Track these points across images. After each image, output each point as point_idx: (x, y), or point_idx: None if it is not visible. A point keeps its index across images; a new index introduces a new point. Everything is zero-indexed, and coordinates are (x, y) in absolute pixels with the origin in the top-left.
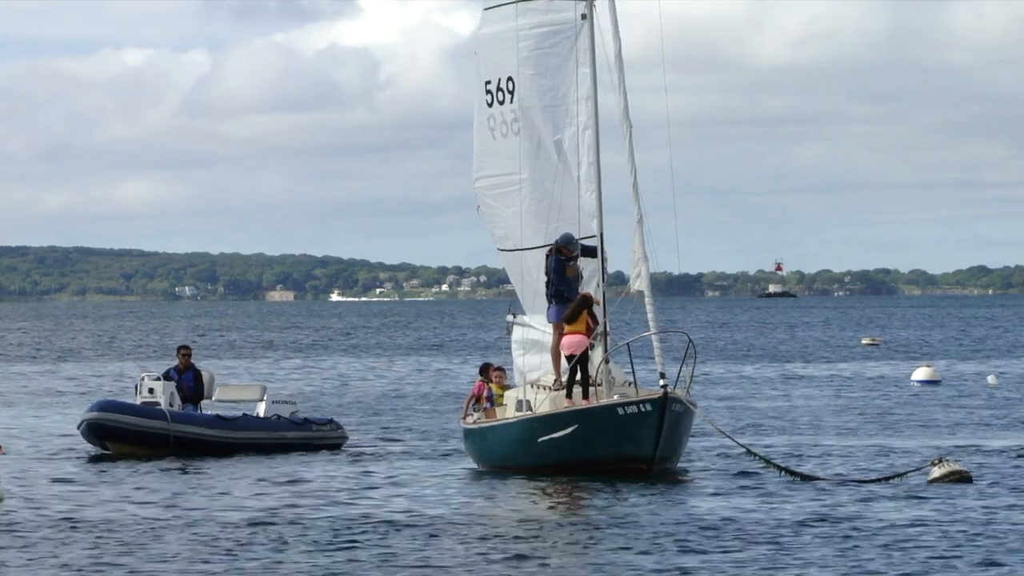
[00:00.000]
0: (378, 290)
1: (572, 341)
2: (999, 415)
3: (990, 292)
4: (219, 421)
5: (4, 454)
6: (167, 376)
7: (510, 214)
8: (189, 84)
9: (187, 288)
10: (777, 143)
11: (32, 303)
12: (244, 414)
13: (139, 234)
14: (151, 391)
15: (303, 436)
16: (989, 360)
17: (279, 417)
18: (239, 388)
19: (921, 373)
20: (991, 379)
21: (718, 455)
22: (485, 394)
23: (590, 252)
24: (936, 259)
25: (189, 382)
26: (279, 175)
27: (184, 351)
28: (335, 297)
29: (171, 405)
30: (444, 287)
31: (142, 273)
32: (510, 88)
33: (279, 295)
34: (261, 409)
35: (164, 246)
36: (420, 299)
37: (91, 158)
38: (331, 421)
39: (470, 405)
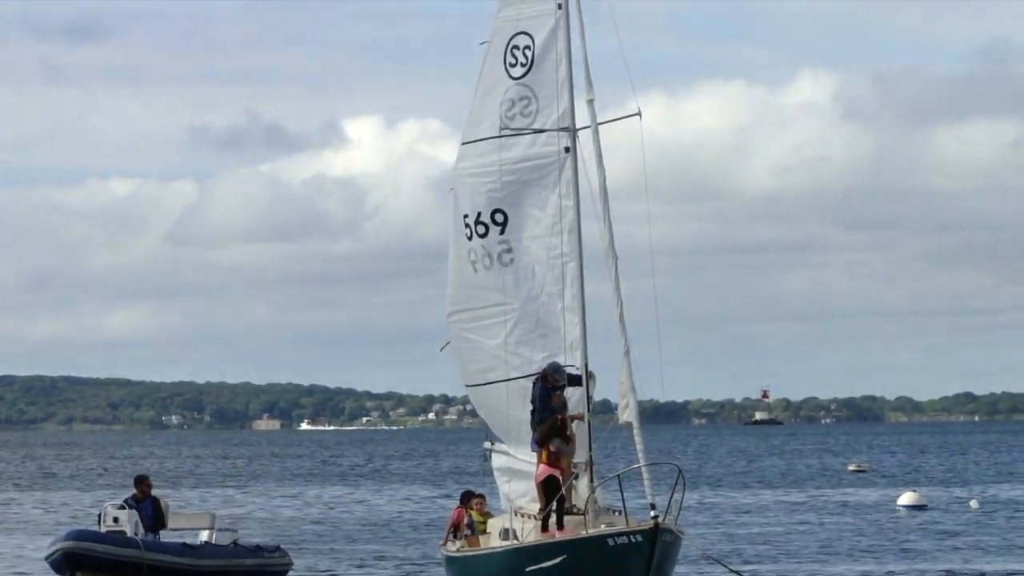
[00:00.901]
0: (364, 419)
1: (540, 472)
2: (983, 540)
3: (976, 419)
4: (187, 549)
5: None
6: (127, 505)
7: (494, 346)
8: (176, 213)
9: (174, 417)
10: (763, 271)
11: (18, 432)
12: (206, 542)
13: (126, 363)
14: (116, 520)
15: (257, 563)
16: (973, 486)
17: (235, 544)
18: (189, 516)
19: (907, 498)
20: (974, 503)
21: None
22: (465, 521)
23: (576, 381)
24: (922, 386)
25: (148, 511)
26: (266, 304)
27: (144, 482)
28: (305, 426)
29: (136, 534)
30: (431, 415)
31: (128, 402)
32: (498, 220)
33: (265, 424)
34: (208, 536)
35: (151, 375)
36: (407, 427)
37: (78, 287)
38: (279, 548)
39: (449, 533)
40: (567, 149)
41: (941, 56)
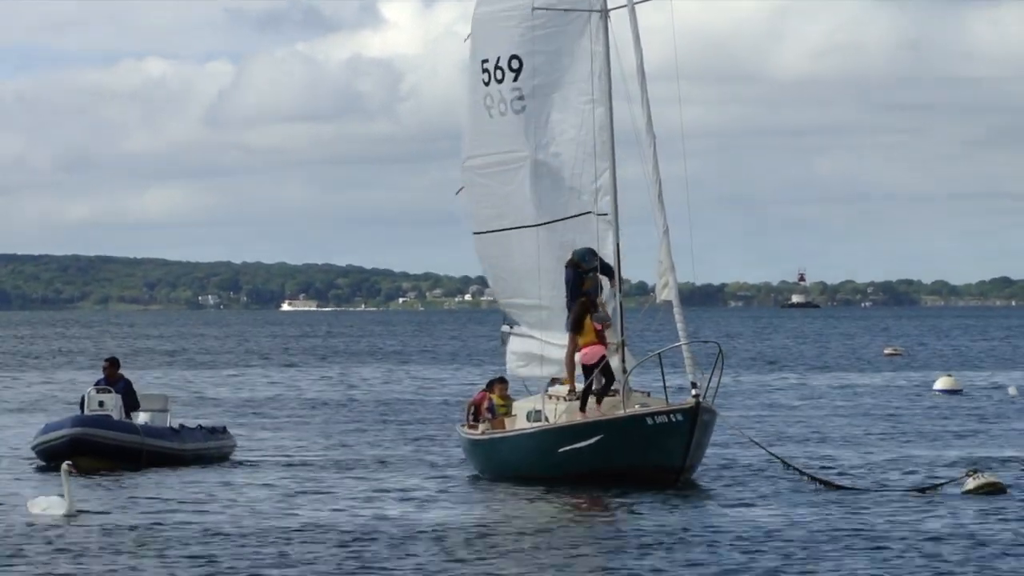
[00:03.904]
0: (400, 299)
1: (588, 352)
2: (1022, 426)
3: (1013, 303)
4: (173, 433)
5: (76, 474)
6: (102, 388)
7: (507, 192)
8: (212, 94)
9: (210, 297)
10: (799, 154)
11: (55, 311)
12: (182, 425)
13: (162, 243)
14: (101, 404)
15: (218, 445)
16: (1010, 371)
17: (200, 427)
18: (145, 398)
19: (943, 383)
20: (1012, 390)
21: (746, 465)
22: (487, 404)
23: (607, 269)
24: (959, 270)
25: (123, 393)
26: (302, 185)
27: (112, 363)
28: (286, 307)
29: (119, 418)
30: (467, 296)
31: (165, 282)
32: (513, 67)
33: (302, 304)
34: (161, 419)
35: (187, 255)
36: (444, 308)
37: (114, 168)
38: (225, 429)
39: (469, 415)
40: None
41: None
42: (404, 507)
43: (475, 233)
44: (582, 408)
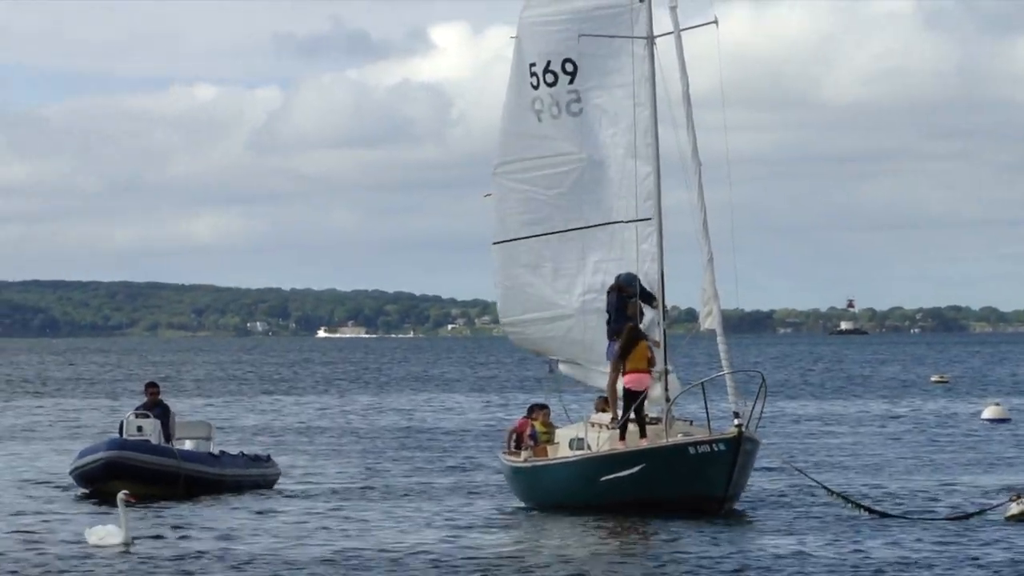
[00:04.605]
0: (450, 326)
1: (635, 379)
2: None
3: None
4: (212, 459)
5: (133, 503)
6: (141, 413)
7: (552, 195)
8: (261, 120)
9: (258, 323)
10: (847, 180)
11: (103, 338)
12: (222, 451)
13: (211, 269)
14: (139, 429)
15: (260, 472)
16: None
17: (242, 453)
18: (189, 425)
19: (990, 411)
20: None
21: (793, 492)
22: (528, 432)
23: (649, 297)
24: (1007, 296)
25: (161, 419)
26: (350, 210)
27: (152, 388)
28: (322, 334)
29: (158, 442)
30: None
31: (213, 308)
32: (568, 69)
33: (351, 331)
34: (207, 446)
35: (236, 281)
36: (493, 335)
37: (163, 193)
38: (269, 457)
39: (511, 443)
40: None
41: None
42: (446, 535)
43: (497, 243)
44: (622, 436)
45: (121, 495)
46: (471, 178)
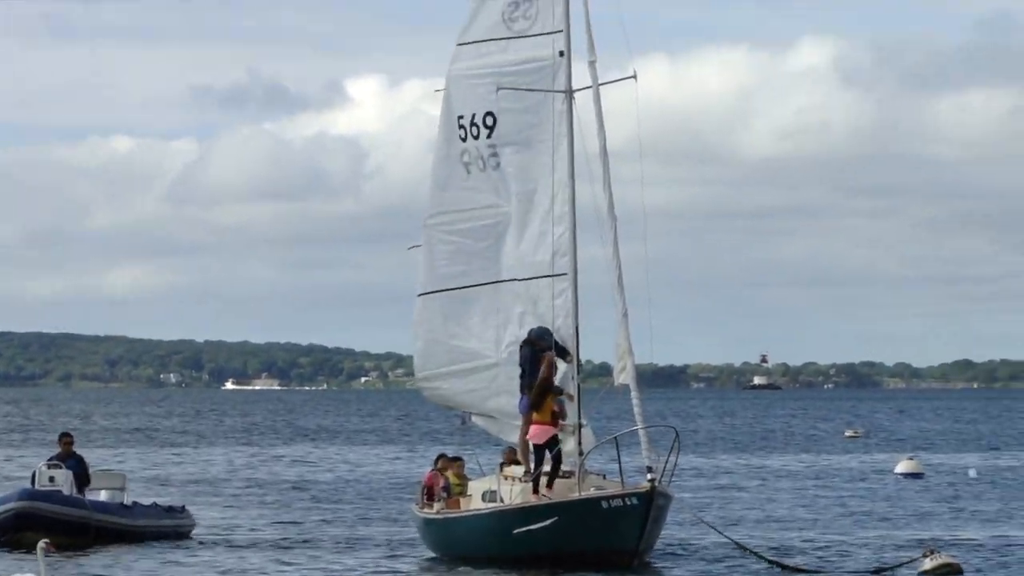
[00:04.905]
0: (363, 379)
1: (538, 430)
2: (982, 508)
3: (975, 386)
4: (124, 509)
5: (52, 552)
6: (53, 464)
7: (480, 248)
8: (177, 171)
9: (172, 375)
10: (764, 236)
11: (16, 388)
12: (135, 502)
13: (125, 321)
14: (51, 479)
15: (174, 523)
16: (971, 453)
17: (155, 504)
18: (104, 476)
19: (904, 466)
20: (972, 472)
21: (702, 548)
22: (441, 484)
23: (562, 352)
24: (921, 353)
25: (75, 469)
26: (265, 263)
27: (66, 439)
28: (230, 385)
29: (70, 493)
30: None
31: (127, 360)
32: (488, 123)
33: (264, 383)
34: (119, 497)
35: (149, 333)
36: (407, 387)
37: (78, 244)
38: (183, 508)
39: (423, 496)
40: (561, 53)
41: (941, 25)
42: None
43: (422, 295)
44: (535, 490)
45: (41, 544)
46: (386, 231)
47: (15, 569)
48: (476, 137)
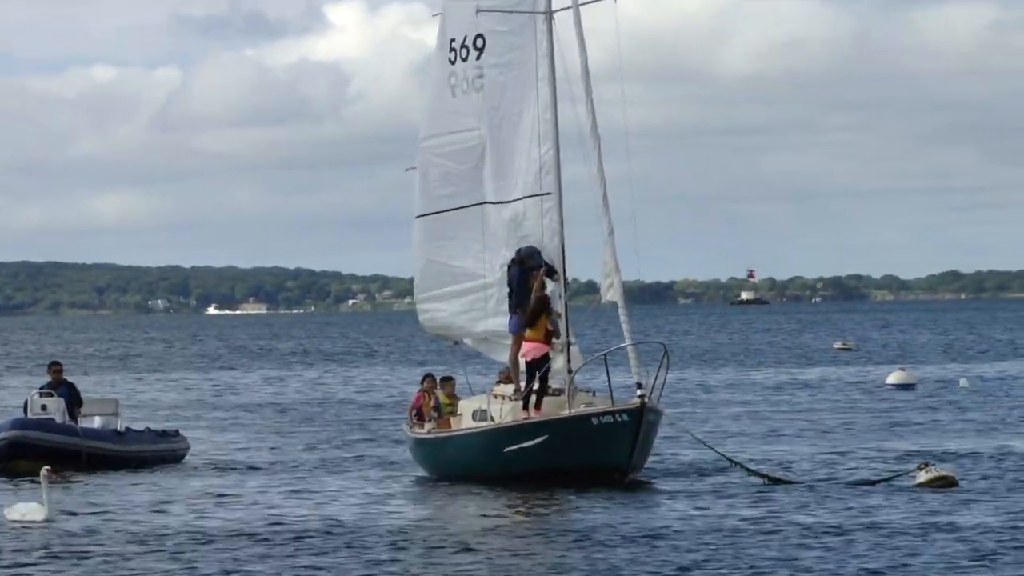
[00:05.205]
0: (350, 302)
1: (531, 348)
2: (974, 418)
3: (962, 297)
4: (116, 435)
5: (55, 479)
6: (45, 392)
7: (464, 170)
8: (160, 100)
9: (160, 301)
10: (747, 152)
11: (5, 318)
12: (128, 428)
13: (112, 248)
14: (44, 408)
15: (168, 447)
16: (961, 363)
17: (148, 429)
18: (97, 402)
19: (895, 377)
20: (963, 382)
21: (693, 463)
22: (432, 403)
23: (550, 271)
24: (908, 265)
25: (66, 396)
26: (250, 189)
27: (55, 367)
28: (212, 311)
29: (62, 421)
30: None
31: (115, 287)
32: (478, 45)
33: (253, 307)
34: (112, 422)
35: (137, 260)
36: (394, 310)
37: (63, 174)
38: (178, 432)
39: (413, 416)
40: None
41: None
42: (353, 507)
43: (419, 216)
44: (525, 407)
45: (44, 471)
46: (369, 156)
47: (15, 499)
48: (465, 59)
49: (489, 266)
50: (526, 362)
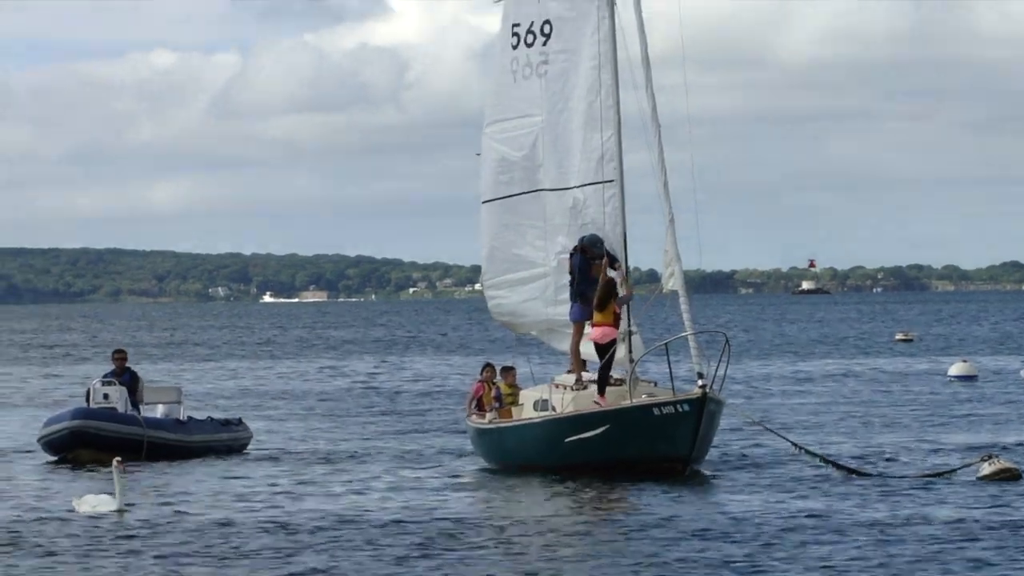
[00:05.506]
0: (411, 289)
1: (601, 332)
2: None
3: (1023, 287)
4: (178, 425)
5: (125, 470)
6: (111, 380)
7: (520, 157)
8: (219, 85)
9: (220, 289)
10: (807, 140)
11: (66, 304)
12: (190, 417)
13: (172, 236)
14: (106, 396)
15: (230, 437)
16: (1021, 355)
17: (211, 418)
18: (159, 390)
19: (957, 369)
20: None
21: (758, 452)
22: (493, 393)
23: (612, 260)
24: (969, 255)
25: (129, 385)
26: (309, 175)
27: (119, 355)
28: (267, 298)
29: (125, 410)
30: (477, 286)
31: (175, 274)
32: (545, 31)
33: (313, 295)
34: (175, 411)
35: (197, 247)
36: (455, 298)
37: (123, 160)
38: (240, 420)
39: (472, 406)
40: None
41: None
42: (415, 497)
43: (483, 202)
44: (600, 391)
45: (115, 462)
46: (428, 142)
47: (84, 490)
48: (530, 45)
49: (545, 254)
50: (596, 345)
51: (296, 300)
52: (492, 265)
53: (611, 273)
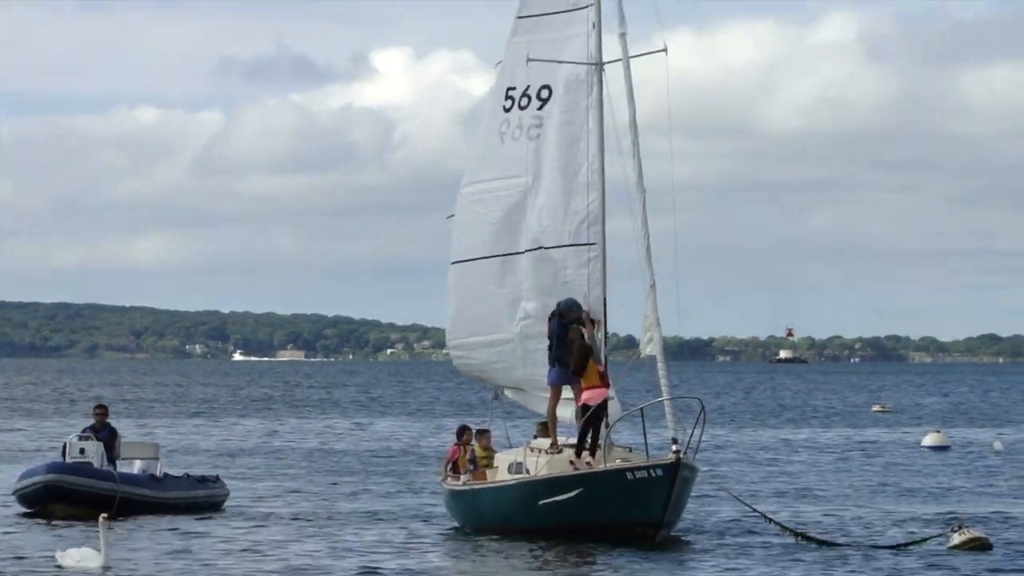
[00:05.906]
0: (388, 350)
1: (592, 394)
2: (1008, 481)
3: (1000, 360)
4: (153, 481)
5: (111, 526)
6: (89, 435)
7: (498, 218)
8: (202, 143)
9: (197, 346)
10: (790, 209)
11: (42, 359)
12: (166, 473)
13: (150, 291)
14: (82, 451)
15: (206, 494)
16: (995, 427)
17: (187, 475)
18: (136, 446)
19: (931, 439)
20: (997, 444)
21: (727, 521)
22: (468, 456)
23: (591, 320)
24: (946, 327)
25: (106, 440)
26: (291, 234)
27: (100, 410)
28: (238, 356)
29: (101, 465)
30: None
31: (152, 330)
32: (543, 96)
33: (290, 354)
34: (151, 467)
35: (175, 304)
36: (432, 359)
37: (104, 215)
38: (217, 478)
39: (447, 469)
40: (593, 25)
41: None
42: (389, 558)
43: (453, 263)
44: (578, 453)
45: (101, 518)
46: (413, 203)
47: (68, 544)
48: (524, 108)
49: (507, 321)
50: (587, 408)
51: (267, 359)
52: (457, 327)
53: (587, 333)
